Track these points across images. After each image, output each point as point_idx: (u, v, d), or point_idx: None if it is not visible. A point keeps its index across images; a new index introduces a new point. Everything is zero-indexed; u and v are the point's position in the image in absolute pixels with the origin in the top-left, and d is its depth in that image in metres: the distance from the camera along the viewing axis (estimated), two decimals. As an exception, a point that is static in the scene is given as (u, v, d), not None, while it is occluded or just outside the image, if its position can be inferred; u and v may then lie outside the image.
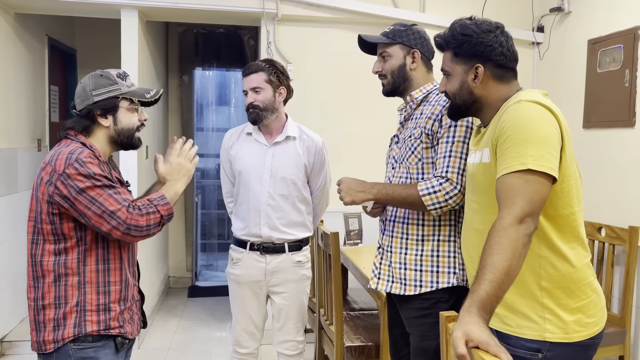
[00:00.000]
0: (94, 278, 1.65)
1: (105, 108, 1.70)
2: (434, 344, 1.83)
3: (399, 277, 1.90)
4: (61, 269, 1.62)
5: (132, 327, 1.76)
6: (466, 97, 1.59)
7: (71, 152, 1.61)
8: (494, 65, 1.55)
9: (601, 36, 3.22)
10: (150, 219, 1.64)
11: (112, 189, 1.61)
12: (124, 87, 1.74)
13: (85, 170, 1.58)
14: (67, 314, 1.62)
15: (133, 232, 1.61)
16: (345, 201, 1.92)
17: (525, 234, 1.31)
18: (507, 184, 1.37)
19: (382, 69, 1.97)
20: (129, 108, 1.75)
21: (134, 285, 1.81)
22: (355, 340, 2.56)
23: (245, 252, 2.37)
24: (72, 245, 1.63)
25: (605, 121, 3.19)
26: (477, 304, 1.23)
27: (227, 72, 5.47)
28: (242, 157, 2.37)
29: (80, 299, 1.63)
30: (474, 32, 1.55)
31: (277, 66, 2.32)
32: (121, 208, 1.59)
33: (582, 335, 1.45)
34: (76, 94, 1.73)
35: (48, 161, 1.63)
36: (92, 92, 1.69)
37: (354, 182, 1.92)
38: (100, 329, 1.65)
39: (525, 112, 1.42)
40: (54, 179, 1.58)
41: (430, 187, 1.78)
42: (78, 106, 1.72)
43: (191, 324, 4.21)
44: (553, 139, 1.39)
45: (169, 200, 1.71)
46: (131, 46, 3.52)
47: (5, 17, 3.55)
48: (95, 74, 1.73)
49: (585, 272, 1.48)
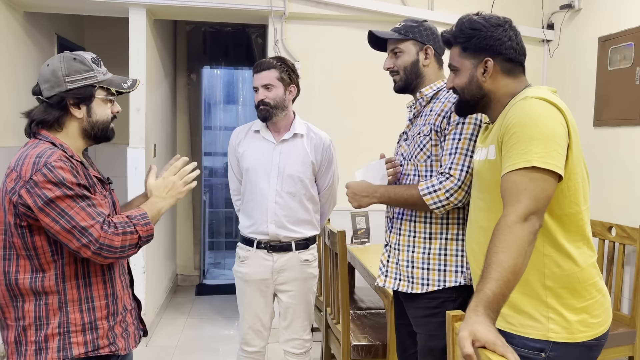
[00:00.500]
0: (75, 295, 1.46)
1: (80, 97, 1.49)
2: (441, 344, 1.82)
3: (407, 275, 1.89)
4: (38, 287, 1.44)
5: (127, 340, 1.58)
6: (475, 92, 1.58)
7: (39, 156, 1.40)
8: (504, 59, 1.54)
9: (612, 33, 3.18)
10: (126, 240, 1.44)
11: (86, 199, 1.42)
12: (100, 74, 1.53)
13: (54, 176, 1.38)
14: (48, 336, 1.44)
15: (105, 253, 1.41)
16: (353, 206, 1.95)
17: (530, 231, 1.30)
18: (512, 182, 1.36)
19: (394, 65, 1.95)
20: (104, 99, 1.55)
21: (127, 293, 1.64)
22: (362, 339, 2.55)
23: (253, 250, 2.37)
24: (47, 261, 1.44)
25: (615, 119, 3.15)
26: (483, 303, 1.21)
27: (235, 70, 5.47)
28: (250, 154, 2.36)
29: (62, 319, 1.45)
30: (482, 26, 1.54)
31: (288, 64, 2.32)
32: (94, 224, 1.40)
33: (586, 335, 1.43)
34: (42, 77, 1.49)
35: (13, 166, 1.42)
36: (65, 77, 1.47)
37: (358, 187, 1.93)
38: (88, 350, 1.47)
39: (531, 109, 1.40)
40: (19, 186, 1.38)
41: (430, 187, 1.77)
42: (46, 92, 1.48)
43: (199, 321, 4.22)
44: (559, 137, 1.37)
45: (150, 219, 1.51)
46: (139, 44, 3.52)
47: (14, 15, 3.57)
48: (67, 56, 1.50)
49: (591, 272, 1.46)
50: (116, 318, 1.55)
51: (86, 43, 4.95)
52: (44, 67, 1.51)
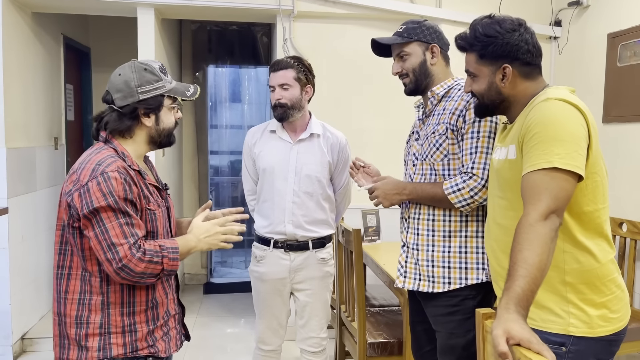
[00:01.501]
0: (118, 298, 1.51)
1: (151, 107, 1.56)
2: (462, 341, 1.83)
3: (427, 274, 1.89)
4: (86, 286, 1.50)
5: (167, 343, 1.61)
6: (494, 97, 1.59)
7: (99, 163, 1.46)
8: (521, 64, 1.54)
9: (621, 30, 3.19)
10: (149, 268, 1.45)
11: (126, 217, 1.45)
12: (167, 83, 1.59)
13: (106, 186, 1.42)
14: (89, 335, 1.49)
15: (123, 274, 1.44)
16: (385, 205, 1.97)
17: (551, 229, 1.32)
18: (533, 181, 1.38)
19: (402, 69, 1.95)
20: (170, 107, 1.61)
21: (172, 299, 1.67)
22: (377, 337, 2.56)
23: (269, 250, 2.38)
24: (92, 262, 1.49)
25: (625, 116, 3.16)
26: (514, 301, 1.23)
27: (240, 69, 5.47)
28: (266, 154, 2.37)
29: (104, 320, 1.50)
30: (498, 33, 1.54)
31: (305, 64, 2.32)
32: (124, 244, 1.42)
33: (606, 330, 1.45)
34: (114, 87, 1.54)
35: (76, 168, 1.49)
36: (137, 88, 1.53)
37: (387, 186, 1.96)
38: (127, 351, 1.51)
39: (553, 110, 1.42)
40: (74, 189, 1.45)
41: (454, 185, 1.79)
42: (119, 102, 1.54)
43: (208, 320, 4.23)
44: (580, 138, 1.39)
45: (179, 255, 1.53)
46: (148, 44, 3.53)
47: (22, 16, 3.56)
48: (137, 66, 1.56)
49: (610, 267, 1.48)
50: (157, 322, 1.59)
51: (92, 43, 4.95)
52: (115, 77, 1.56)
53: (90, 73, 4.94)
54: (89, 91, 4.94)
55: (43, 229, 3.88)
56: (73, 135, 4.59)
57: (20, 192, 3.51)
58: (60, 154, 4.25)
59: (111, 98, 1.55)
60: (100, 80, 4.94)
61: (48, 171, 3.97)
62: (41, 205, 3.84)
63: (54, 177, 4.08)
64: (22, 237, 3.55)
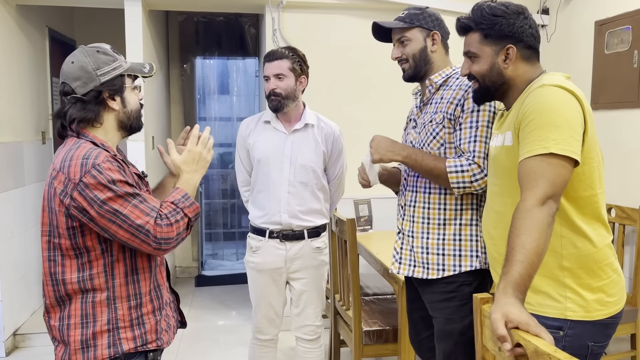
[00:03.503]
0: (124, 292, 1.47)
1: (114, 89, 1.48)
2: (458, 327, 1.86)
3: (422, 261, 1.91)
4: (87, 285, 1.44)
5: (169, 334, 1.60)
6: (496, 79, 1.59)
7: (85, 157, 1.40)
8: (524, 47, 1.56)
9: (608, 17, 3.22)
10: (179, 227, 1.45)
11: (137, 197, 1.41)
12: (124, 62, 1.52)
13: (104, 177, 1.37)
14: (97, 333, 1.45)
15: (164, 247, 1.43)
16: (374, 158, 1.90)
17: (548, 214, 1.33)
18: (530, 167, 1.39)
19: (402, 54, 1.95)
20: (132, 86, 1.54)
21: (165, 287, 1.64)
22: (372, 325, 2.58)
23: (265, 240, 2.38)
24: (96, 258, 1.44)
25: (613, 102, 3.20)
26: (512, 285, 1.25)
27: (228, 60, 5.44)
28: (261, 145, 2.36)
29: (111, 316, 1.45)
30: (505, 13, 1.56)
31: (299, 55, 2.32)
32: (149, 220, 1.40)
33: (603, 313, 1.47)
34: (71, 75, 1.46)
35: (59, 168, 1.41)
36: (96, 71, 1.45)
37: (384, 141, 1.91)
38: (137, 345, 1.48)
39: (549, 96, 1.43)
40: (69, 189, 1.38)
41: (459, 165, 1.79)
42: (80, 89, 1.45)
43: (201, 312, 4.24)
44: (576, 123, 1.40)
45: (192, 197, 1.51)
46: (135, 36, 3.48)
47: (7, 8, 3.51)
48: (90, 49, 1.48)
49: (607, 252, 1.50)
50: (162, 312, 1.57)
51: (77, 35, 4.89)
52: (68, 65, 1.47)
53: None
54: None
55: (32, 224, 3.85)
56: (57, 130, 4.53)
57: (9, 187, 3.48)
58: (48, 149, 4.20)
59: (70, 88, 1.46)
60: (87, 73, 4.87)
61: (36, 166, 3.93)
62: (30, 200, 3.81)
63: (42, 172, 4.03)
64: (11, 233, 3.52)
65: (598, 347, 1.49)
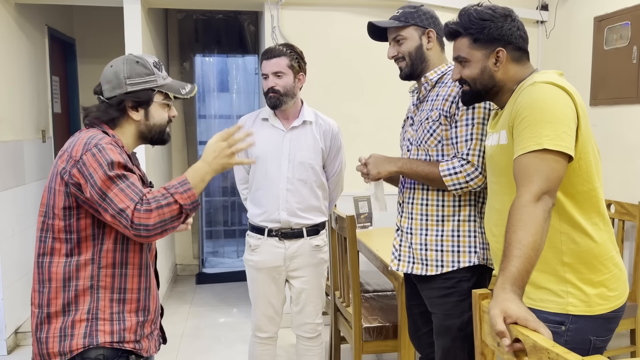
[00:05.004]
0: (109, 283, 1.46)
1: (139, 100, 1.51)
2: (457, 322, 1.86)
3: (420, 257, 1.92)
4: (72, 272, 1.43)
5: (150, 343, 1.56)
6: (487, 82, 1.61)
7: (91, 137, 1.44)
8: (513, 49, 1.58)
9: (607, 13, 3.22)
10: (164, 214, 1.37)
11: (126, 180, 1.39)
12: (160, 78, 1.55)
13: (102, 156, 1.39)
14: (76, 322, 1.43)
15: (144, 233, 1.37)
16: (372, 174, 1.95)
17: (544, 209, 1.34)
18: (524, 164, 1.40)
19: (398, 53, 1.96)
20: (162, 103, 1.56)
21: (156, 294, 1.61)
22: (372, 321, 2.59)
23: (264, 239, 2.39)
24: (87, 245, 1.43)
25: (612, 98, 3.20)
26: (509, 281, 1.25)
27: (228, 58, 5.44)
28: (259, 142, 2.35)
29: (92, 305, 1.44)
30: (492, 17, 1.58)
31: (297, 51, 2.31)
32: (129, 205, 1.36)
33: (604, 308, 1.48)
34: (104, 78, 1.52)
35: (65, 148, 1.45)
36: (126, 79, 1.49)
37: (380, 157, 1.97)
38: (113, 340, 1.45)
39: (540, 93, 1.44)
40: (70, 165, 1.40)
41: (451, 168, 1.81)
42: (107, 93, 1.51)
43: (202, 310, 4.25)
44: (568, 119, 1.40)
45: (192, 185, 1.43)
46: (135, 34, 3.48)
47: (6, 7, 3.51)
48: (129, 58, 1.53)
49: (607, 246, 1.50)
50: (147, 315, 1.54)
51: (76, 34, 4.89)
52: (107, 68, 1.53)
53: (76, 64, 4.88)
54: (75, 83, 4.88)
55: (33, 222, 3.85)
56: (60, 127, 4.54)
57: (9, 185, 3.48)
58: (48, 147, 4.21)
59: (100, 89, 1.53)
60: (86, 72, 4.88)
61: (36, 164, 3.94)
62: (31, 199, 3.81)
63: (42, 170, 4.04)
64: (12, 231, 3.52)
65: (600, 341, 1.49)
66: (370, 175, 1.97)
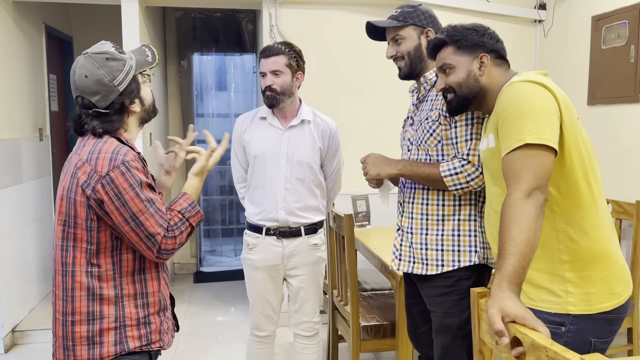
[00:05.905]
0: (131, 290, 1.50)
1: (133, 93, 1.51)
2: (457, 321, 1.86)
3: (421, 257, 1.92)
4: (95, 281, 1.46)
5: (169, 336, 1.62)
6: (473, 86, 1.66)
7: (115, 152, 1.42)
8: (496, 56, 1.66)
9: (605, 12, 3.23)
10: (182, 237, 1.53)
11: (154, 205, 1.45)
12: (130, 60, 1.51)
13: (131, 176, 1.40)
14: (104, 330, 1.46)
15: (164, 256, 1.50)
16: (371, 174, 1.96)
17: (535, 205, 1.34)
18: (511, 162, 1.41)
19: (396, 52, 1.96)
20: (143, 82, 1.56)
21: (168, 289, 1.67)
22: (370, 320, 2.59)
23: (262, 237, 2.38)
24: (106, 255, 1.46)
25: (610, 97, 3.21)
26: (506, 279, 1.25)
27: (226, 56, 5.43)
28: (257, 141, 2.36)
29: (119, 313, 1.47)
30: (474, 28, 1.69)
31: (296, 50, 2.31)
32: (160, 232, 1.46)
33: (605, 306, 1.46)
34: (87, 90, 1.44)
35: (86, 159, 1.42)
36: (113, 82, 1.45)
37: (380, 157, 1.97)
38: (142, 344, 1.51)
39: (518, 90, 1.46)
40: (94, 180, 1.40)
41: (452, 169, 1.81)
42: (101, 103, 1.45)
43: (200, 308, 4.24)
44: (548, 112, 1.41)
45: (196, 204, 1.60)
46: (132, 33, 3.47)
47: (3, 5, 3.50)
48: (98, 58, 1.45)
49: (606, 243, 1.49)
50: (165, 313, 1.60)
51: (73, 32, 4.88)
52: (82, 80, 1.44)
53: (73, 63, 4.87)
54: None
55: (30, 220, 3.85)
56: (58, 126, 4.53)
57: (7, 184, 3.47)
58: (46, 145, 4.20)
59: (90, 102, 1.45)
60: (84, 70, 4.86)
61: (34, 163, 3.93)
62: (28, 197, 3.81)
63: (39, 169, 4.03)
64: (9, 230, 3.52)
65: (601, 343, 1.48)
66: (369, 176, 1.97)
